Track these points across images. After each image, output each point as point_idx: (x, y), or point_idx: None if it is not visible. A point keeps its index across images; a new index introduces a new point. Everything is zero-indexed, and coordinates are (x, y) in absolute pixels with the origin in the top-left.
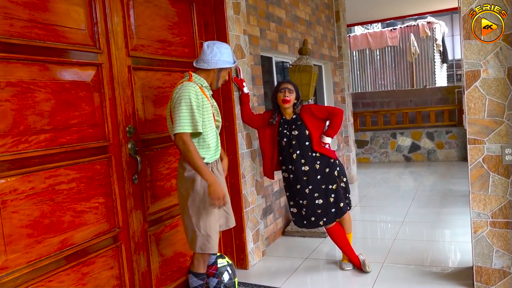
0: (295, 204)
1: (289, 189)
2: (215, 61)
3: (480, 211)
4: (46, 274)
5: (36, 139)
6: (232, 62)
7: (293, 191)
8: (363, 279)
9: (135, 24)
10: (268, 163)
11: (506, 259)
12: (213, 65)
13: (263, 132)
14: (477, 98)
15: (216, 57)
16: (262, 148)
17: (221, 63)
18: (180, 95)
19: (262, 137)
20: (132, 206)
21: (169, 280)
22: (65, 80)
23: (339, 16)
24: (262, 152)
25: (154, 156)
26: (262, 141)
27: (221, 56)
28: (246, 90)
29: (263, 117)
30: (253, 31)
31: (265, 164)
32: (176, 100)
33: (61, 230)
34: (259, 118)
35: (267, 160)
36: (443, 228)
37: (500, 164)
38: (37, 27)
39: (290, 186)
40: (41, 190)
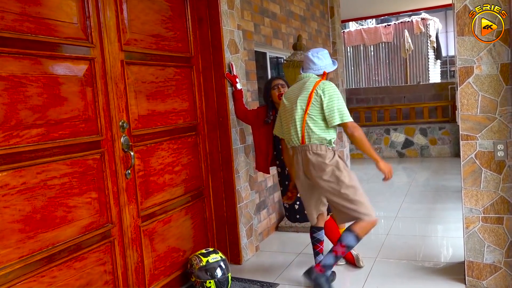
0: None
1: (283, 184)
2: (324, 66)
3: (472, 206)
4: (38, 270)
5: (28, 134)
6: (334, 64)
7: (286, 185)
8: (356, 274)
9: (128, 18)
10: (263, 159)
11: (497, 254)
12: (323, 70)
13: (258, 129)
14: (470, 94)
15: (323, 63)
16: (257, 145)
17: (329, 67)
18: (332, 91)
19: (257, 134)
20: (125, 201)
21: (162, 275)
22: (57, 74)
23: (333, 11)
24: (257, 149)
25: (147, 151)
26: (257, 137)
27: (327, 61)
28: (239, 86)
29: (257, 113)
30: (248, 26)
31: (260, 160)
32: (331, 95)
33: (54, 225)
34: (253, 114)
35: (263, 156)
36: (436, 224)
37: (492, 160)
38: (28, 20)
39: (283, 181)
40: (33, 185)
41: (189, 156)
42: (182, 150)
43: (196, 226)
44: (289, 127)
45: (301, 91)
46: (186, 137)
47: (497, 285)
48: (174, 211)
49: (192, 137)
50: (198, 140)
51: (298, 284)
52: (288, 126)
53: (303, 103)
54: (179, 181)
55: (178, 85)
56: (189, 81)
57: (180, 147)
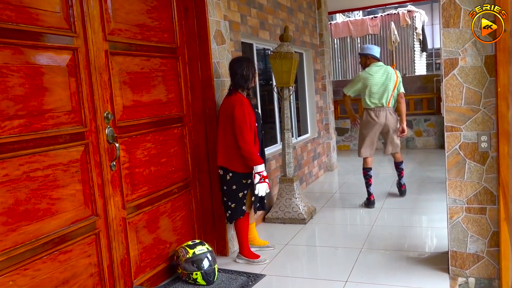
0: None
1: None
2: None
3: (456, 197)
4: (21, 263)
5: (10, 125)
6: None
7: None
8: (341, 264)
9: (112, 8)
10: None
11: (480, 244)
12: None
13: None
14: (454, 86)
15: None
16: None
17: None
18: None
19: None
20: (110, 193)
21: (148, 267)
22: (40, 64)
23: (320, 3)
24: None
25: (133, 142)
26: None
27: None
28: None
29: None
30: (234, 17)
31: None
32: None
33: (37, 218)
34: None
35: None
36: (420, 214)
37: (476, 151)
38: (9, 8)
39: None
40: (16, 177)
41: (175, 147)
42: (168, 142)
43: (182, 218)
44: (381, 95)
45: (386, 73)
46: (172, 128)
47: (480, 274)
48: (160, 203)
49: (178, 129)
50: (184, 131)
51: (284, 275)
52: (380, 93)
53: (393, 82)
54: (165, 172)
55: (164, 76)
56: (175, 72)
57: (166, 138)
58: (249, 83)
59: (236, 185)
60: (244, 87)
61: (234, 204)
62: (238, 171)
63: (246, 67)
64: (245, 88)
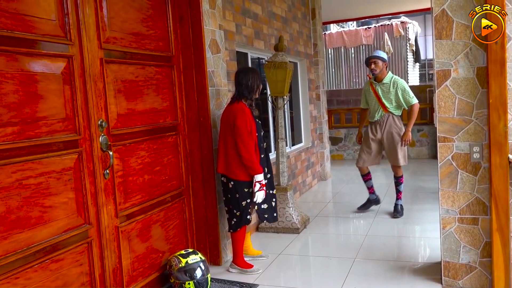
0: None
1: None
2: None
3: (448, 207)
4: (12, 271)
5: (3, 132)
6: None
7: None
8: (335, 274)
9: (108, 16)
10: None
11: (473, 254)
12: None
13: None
14: (447, 97)
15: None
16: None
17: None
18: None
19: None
20: (103, 202)
21: (140, 276)
22: (34, 71)
23: (315, 13)
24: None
25: (126, 151)
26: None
27: None
28: None
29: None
30: (229, 26)
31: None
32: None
33: (29, 226)
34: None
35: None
36: (413, 224)
37: (468, 162)
38: (4, 16)
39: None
40: (8, 184)
41: (169, 156)
42: (162, 150)
43: (175, 227)
44: (376, 109)
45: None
46: (166, 137)
47: (473, 284)
48: (153, 212)
49: (172, 137)
50: (179, 140)
51: (278, 285)
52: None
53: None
54: (159, 181)
55: (159, 85)
56: (170, 80)
57: (160, 147)
58: (252, 94)
59: (238, 193)
60: (248, 97)
61: (239, 212)
62: (239, 179)
63: (251, 78)
64: (248, 98)
